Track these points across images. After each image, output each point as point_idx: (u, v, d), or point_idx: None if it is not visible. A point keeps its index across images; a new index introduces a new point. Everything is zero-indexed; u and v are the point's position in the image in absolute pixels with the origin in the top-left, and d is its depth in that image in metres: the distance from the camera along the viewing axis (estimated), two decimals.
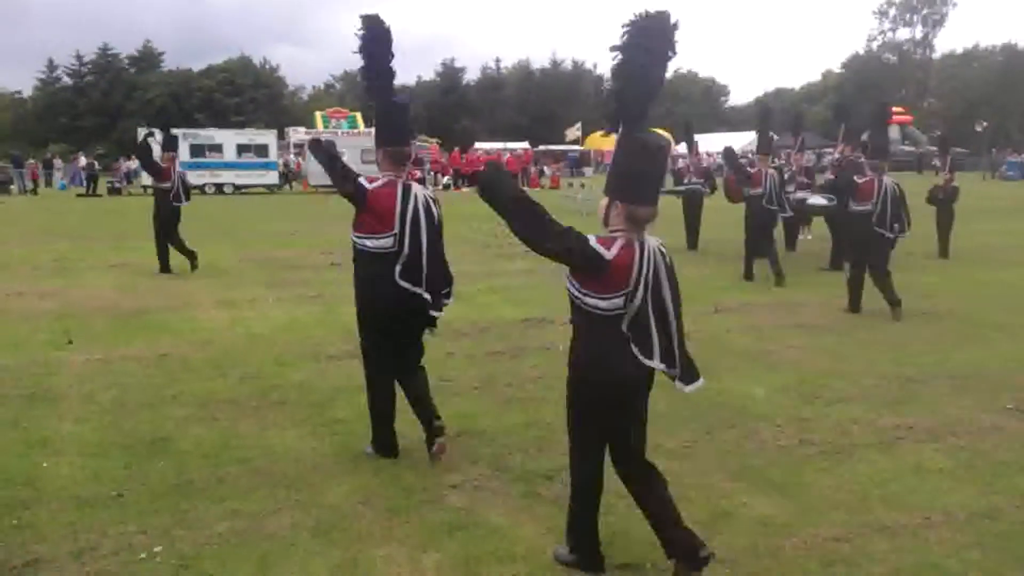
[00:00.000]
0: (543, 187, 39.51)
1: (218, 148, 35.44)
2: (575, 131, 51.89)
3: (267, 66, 77.01)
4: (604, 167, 54.79)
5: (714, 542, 3.87)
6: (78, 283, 11.34)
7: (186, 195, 12.48)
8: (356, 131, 42.57)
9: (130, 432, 5.36)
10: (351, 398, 5.88)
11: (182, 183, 12.41)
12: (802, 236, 15.74)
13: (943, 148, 16.72)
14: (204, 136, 36.37)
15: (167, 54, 75.52)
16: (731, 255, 12.57)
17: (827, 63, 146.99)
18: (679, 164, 23.84)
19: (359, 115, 48.29)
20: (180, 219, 12.45)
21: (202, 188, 34.41)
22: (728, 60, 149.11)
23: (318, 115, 52.29)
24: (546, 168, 45.38)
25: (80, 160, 43.12)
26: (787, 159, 16.41)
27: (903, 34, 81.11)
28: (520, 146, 52.50)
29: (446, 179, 41.07)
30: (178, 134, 34.77)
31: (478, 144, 54.44)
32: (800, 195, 14.60)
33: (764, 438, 5.29)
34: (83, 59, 71.27)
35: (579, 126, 52.57)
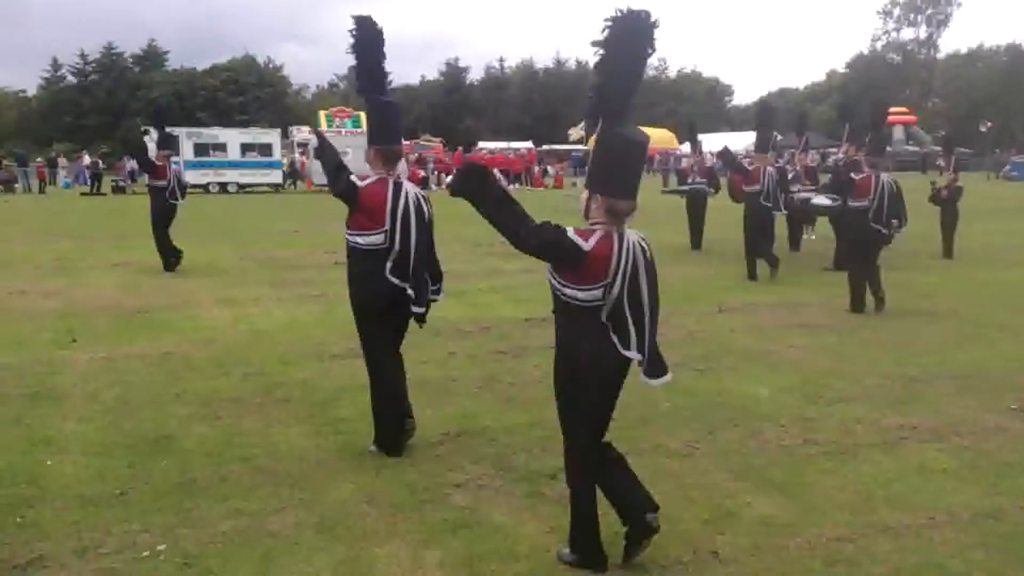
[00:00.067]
0: (547, 187, 39.51)
1: (222, 147, 35.53)
2: (579, 131, 51.79)
3: (271, 65, 77.15)
4: None
5: (717, 542, 3.88)
6: (81, 282, 11.36)
7: (182, 193, 12.51)
8: (360, 130, 42.59)
9: (133, 431, 5.37)
10: (355, 397, 5.89)
11: (178, 181, 12.45)
12: (806, 236, 15.73)
13: (947, 148, 16.71)
14: (208, 135, 36.46)
15: (171, 53, 75.76)
16: (735, 255, 12.55)
17: (831, 63, 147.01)
18: (683, 164, 23.79)
19: (363, 114, 48.22)
20: (174, 217, 12.46)
21: (206, 187, 34.51)
22: (732, 60, 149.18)
23: (322, 114, 52.21)
24: (550, 168, 45.37)
25: (84, 159, 43.20)
26: (791, 159, 16.42)
27: (907, 34, 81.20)
28: (524, 146, 52.46)
29: (449, 178, 41.09)
30: (180, 133, 34.87)
31: (482, 144, 54.43)
32: (804, 195, 14.61)
33: (767, 438, 5.28)
34: (87, 58, 71.46)
35: (583, 126, 52.45)
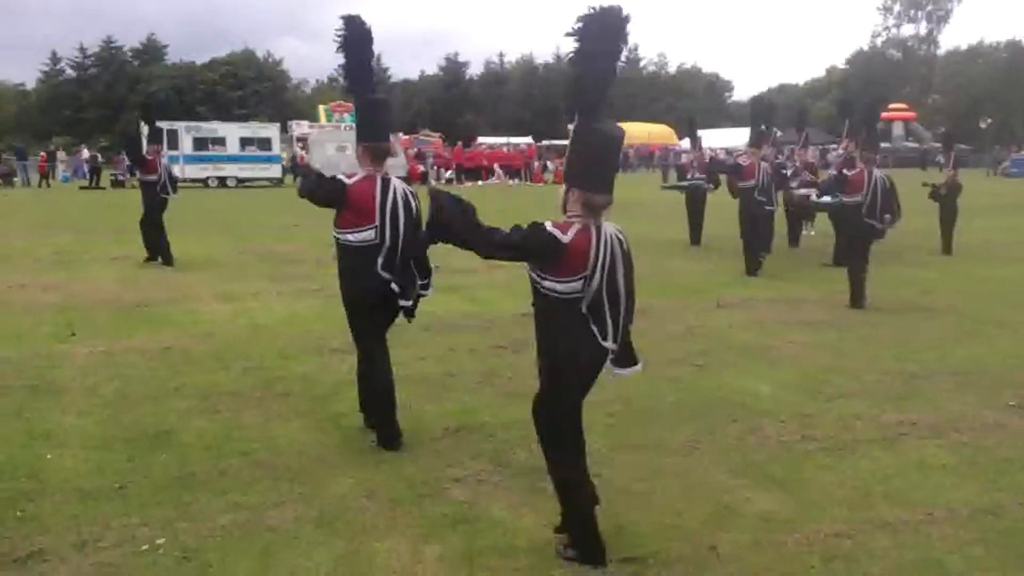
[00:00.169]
0: (547, 182, 39.48)
1: (221, 141, 35.49)
2: None
3: (270, 59, 77.12)
4: None
5: (717, 538, 3.89)
6: (80, 276, 11.36)
7: (173, 187, 12.52)
8: None
9: (133, 425, 5.37)
10: (354, 391, 5.84)
11: (168, 175, 12.47)
12: (805, 232, 15.72)
13: (947, 145, 16.70)
14: (207, 129, 36.44)
15: (171, 47, 75.68)
16: (734, 250, 12.55)
17: (831, 59, 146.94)
18: (683, 159, 23.82)
19: None
20: (165, 210, 12.46)
21: (205, 181, 34.49)
22: (732, 55, 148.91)
23: (321, 109, 52.34)
24: (549, 163, 45.33)
25: (83, 152, 43.17)
26: (791, 155, 16.42)
27: (908, 30, 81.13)
28: (523, 141, 52.49)
29: (449, 173, 41.06)
30: (179, 127, 34.80)
31: (481, 139, 54.46)
32: (803, 191, 14.62)
33: (767, 434, 5.29)
34: (87, 51, 71.41)
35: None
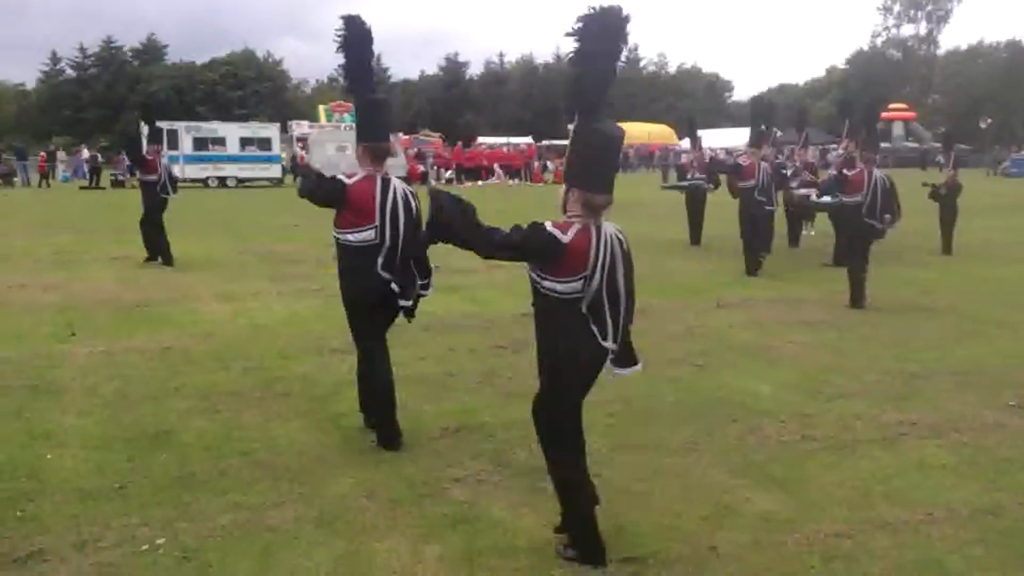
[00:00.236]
0: (547, 182, 39.48)
1: (221, 141, 35.49)
2: None
3: (270, 59, 77.12)
4: None
5: (716, 537, 3.89)
6: (80, 276, 11.36)
7: (173, 187, 12.54)
8: None
9: (133, 425, 5.37)
10: (354, 391, 5.83)
11: (168, 175, 12.49)
12: (805, 232, 15.72)
13: (947, 145, 16.70)
14: (207, 129, 36.44)
15: (171, 47, 75.68)
16: (734, 250, 12.55)
17: (831, 59, 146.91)
18: (683, 159, 23.82)
19: None
20: (165, 210, 12.48)
21: (205, 181, 34.50)
22: (732, 55, 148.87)
23: (321, 109, 52.32)
24: (549, 163, 45.34)
25: (83, 152, 43.17)
26: (791, 155, 16.41)
27: (907, 30, 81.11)
28: (523, 141, 52.47)
29: (449, 173, 41.07)
30: (179, 127, 34.79)
31: (481, 139, 54.45)
32: (803, 191, 14.62)
33: (766, 434, 5.29)
34: (87, 51, 71.41)
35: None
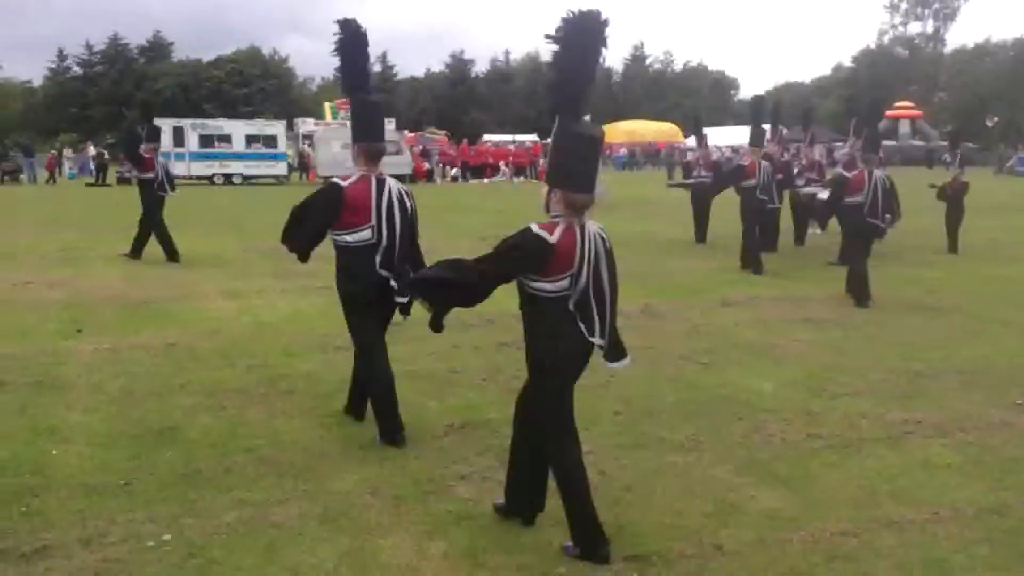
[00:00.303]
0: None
1: (227, 139, 35.54)
2: None
3: (276, 57, 77.23)
4: (613, 159, 54.77)
5: (721, 535, 3.88)
6: (86, 273, 11.38)
7: (171, 185, 12.58)
8: None
9: (138, 421, 5.38)
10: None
11: (166, 173, 12.53)
12: (811, 230, 15.67)
13: (953, 143, 16.63)
14: (213, 126, 36.48)
15: (177, 44, 75.84)
16: (739, 249, 12.51)
17: (838, 57, 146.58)
18: (688, 157, 23.78)
19: None
20: (163, 208, 12.52)
21: (211, 178, 34.59)
22: (738, 53, 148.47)
23: (327, 106, 52.33)
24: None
25: (89, 150, 43.27)
26: (797, 153, 16.38)
27: (914, 28, 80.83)
28: (529, 139, 52.44)
29: (455, 171, 41.08)
30: (185, 124, 34.84)
31: (487, 136, 54.45)
32: (809, 189, 14.59)
33: (771, 432, 5.28)
34: (93, 49, 71.57)
35: (588, 118, 52.28)
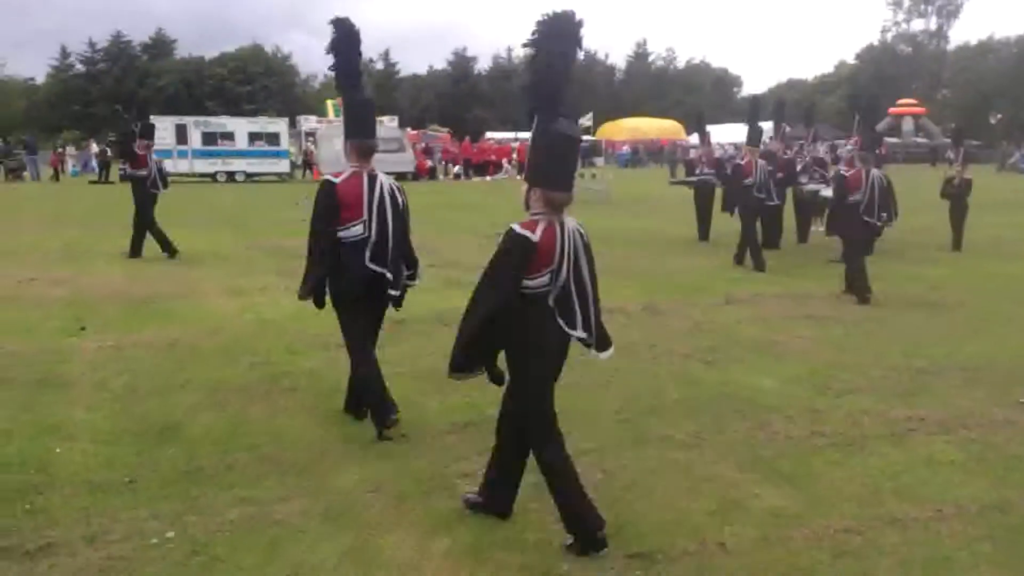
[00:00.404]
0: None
1: (230, 136, 35.53)
2: (586, 121, 51.58)
3: (279, 54, 77.17)
4: (615, 156, 54.77)
5: (724, 533, 3.88)
6: (89, 270, 11.39)
7: (163, 182, 12.60)
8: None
9: (141, 418, 5.39)
10: None
11: (158, 171, 12.56)
12: (814, 228, 15.64)
13: (956, 140, 16.59)
14: (216, 124, 36.45)
15: (179, 42, 75.83)
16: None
17: (841, 54, 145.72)
18: (691, 155, 23.73)
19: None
20: (155, 205, 12.53)
21: (214, 176, 34.63)
22: (741, 51, 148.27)
23: (329, 103, 52.25)
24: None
25: (92, 147, 43.29)
26: (800, 150, 16.35)
27: (917, 25, 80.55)
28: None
29: (457, 168, 41.06)
30: (188, 122, 34.81)
31: (489, 134, 54.43)
32: (812, 187, 14.57)
33: (774, 429, 5.27)
34: (96, 46, 71.57)
35: (590, 116, 52.24)
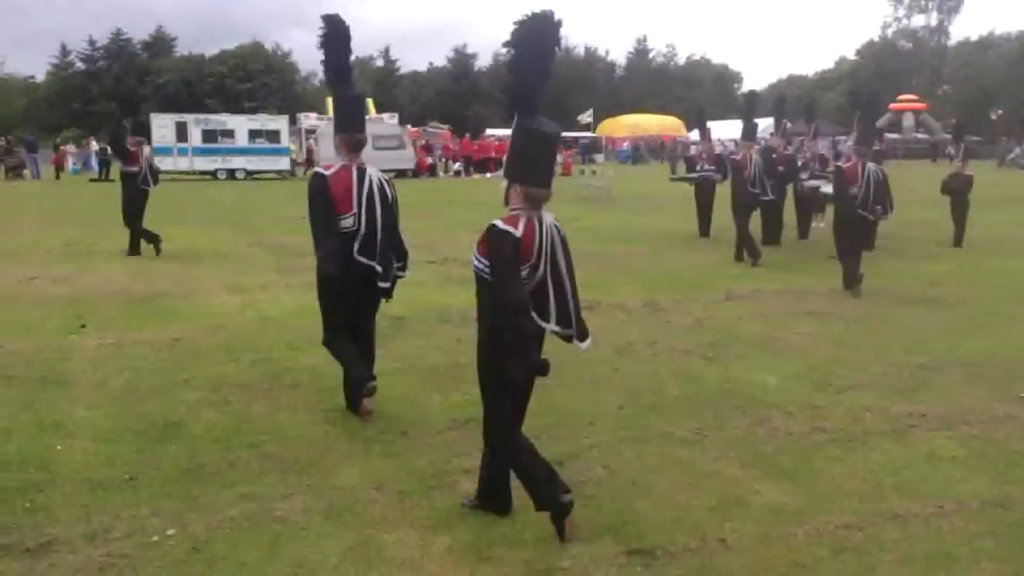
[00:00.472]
0: (555, 174, 39.43)
1: (230, 134, 35.53)
2: (587, 117, 51.66)
3: (279, 52, 77.16)
4: (616, 153, 54.73)
5: (725, 529, 3.88)
6: (90, 268, 11.39)
7: (154, 179, 12.64)
8: (368, 117, 42.47)
9: (142, 416, 5.39)
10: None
11: (150, 167, 12.59)
12: (815, 224, 15.64)
13: (957, 136, 16.58)
14: (216, 121, 36.45)
15: (179, 39, 75.83)
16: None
17: (841, 50, 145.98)
18: (692, 151, 23.71)
19: (371, 101, 48.24)
20: (146, 203, 12.59)
21: (214, 174, 34.64)
22: (741, 47, 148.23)
23: (329, 101, 52.18)
24: (558, 155, 45.24)
25: (92, 145, 43.27)
26: (800, 146, 16.33)
27: (918, 21, 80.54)
28: None
29: (457, 165, 41.03)
30: (188, 119, 34.81)
31: (490, 131, 54.36)
32: (813, 183, 14.56)
33: (775, 425, 5.27)
34: (96, 44, 71.58)
35: (591, 112, 52.37)
